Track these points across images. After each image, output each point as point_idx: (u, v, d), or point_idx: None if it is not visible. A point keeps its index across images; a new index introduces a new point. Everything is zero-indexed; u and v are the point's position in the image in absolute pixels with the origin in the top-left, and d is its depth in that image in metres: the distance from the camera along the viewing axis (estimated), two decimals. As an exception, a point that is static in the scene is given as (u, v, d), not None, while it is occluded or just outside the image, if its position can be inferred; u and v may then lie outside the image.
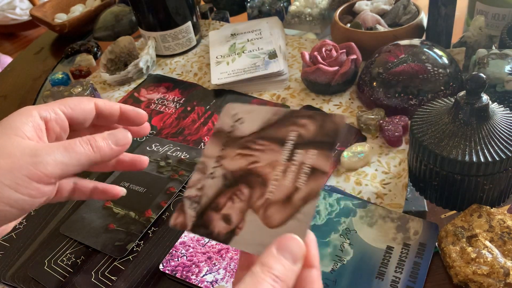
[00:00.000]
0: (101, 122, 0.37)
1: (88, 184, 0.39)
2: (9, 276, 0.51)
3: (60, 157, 0.30)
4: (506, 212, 0.47)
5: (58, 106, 0.34)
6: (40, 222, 0.57)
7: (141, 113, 0.38)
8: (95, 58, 0.94)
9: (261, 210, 0.30)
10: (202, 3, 1.02)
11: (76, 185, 0.38)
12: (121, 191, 0.40)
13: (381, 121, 0.62)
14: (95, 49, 0.95)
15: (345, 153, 0.59)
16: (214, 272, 0.48)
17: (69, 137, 0.35)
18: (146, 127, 0.39)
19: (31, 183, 0.29)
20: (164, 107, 0.76)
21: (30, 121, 0.32)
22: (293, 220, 0.29)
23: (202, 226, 0.31)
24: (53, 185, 0.31)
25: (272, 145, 0.32)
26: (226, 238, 0.30)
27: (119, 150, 0.34)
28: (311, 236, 0.28)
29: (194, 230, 0.31)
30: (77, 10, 1.07)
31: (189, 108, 0.74)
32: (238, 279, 0.29)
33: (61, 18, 1.05)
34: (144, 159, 0.40)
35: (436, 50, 0.64)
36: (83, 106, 0.35)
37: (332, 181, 0.58)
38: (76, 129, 0.36)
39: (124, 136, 0.35)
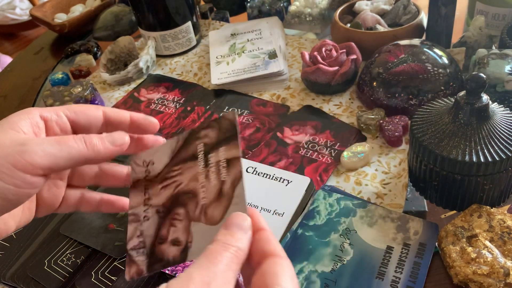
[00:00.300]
0: (111, 131, 0.36)
1: (96, 195, 0.38)
2: (9, 276, 0.51)
3: (49, 148, 0.30)
4: (506, 212, 0.47)
5: (62, 109, 0.34)
6: (40, 222, 0.57)
7: (153, 121, 0.38)
8: (95, 58, 0.94)
9: (202, 216, 0.32)
10: (202, 3, 1.02)
11: (83, 196, 0.38)
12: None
13: (381, 121, 0.62)
14: (95, 49, 0.95)
15: (345, 153, 0.59)
16: (214, 272, 0.48)
17: None
18: (158, 139, 0.38)
19: (15, 172, 0.28)
20: (164, 107, 0.76)
21: (28, 118, 0.32)
22: (232, 206, 0.31)
23: (156, 262, 0.32)
24: (40, 177, 0.30)
25: (186, 164, 0.34)
26: (182, 257, 0.31)
27: (115, 149, 0.34)
28: (253, 209, 0.30)
29: (150, 269, 0.32)
30: (77, 10, 1.07)
31: (189, 108, 0.74)
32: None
33: (61, 18, 1.05)
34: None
35: (436, 50, 0.64)
36: (88, 111, 0.35)
37: (332, 181, 0.58)
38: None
39: (121, 136, 0.34)
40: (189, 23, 0.87)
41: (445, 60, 0.63)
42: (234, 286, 0.26)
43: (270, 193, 0.55)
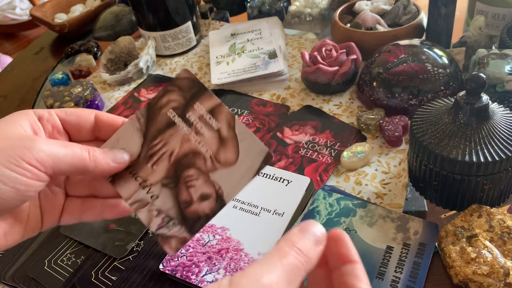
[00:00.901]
0: (104, 136, 0.37)
1: (97, 202, 0.38)
2: (9, 276, 0.51)
3: (55, 149, 0.31)
4: (506, 212, 0.47)
5: (54, 110, 0.36)
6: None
7: None
8: (95, 58, 0.94)
9: (216, 164, 0.33)
10: (202, 3, 1.02)
11: (84, 204, 0.38)
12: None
13: (381, 121, 0.62)
14: (95, 49, 0.95)
15: (345, 153, 0.59)
16: (214, 272, 0.48)
17: None
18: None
19: (23, 163, 0.30)
20: (164, 107, 0.76)
21: (27, 119, 0.33)
22: (241, 143, 0.32)
23: (195, 223, 0.33)
24: (44, 174, 0.31)
25: (166, 134, 0.35)
26: (220, 204, 0.32)
27: (114, 166, 0.34)
28: (345, 234, 0.28)
29: (192, 231, 0.32)
30: (77, 10, 1.07)
31: (189, 108, 0.74)
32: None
33: (61, 18, 1.05)
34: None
35: (436, 50, 0.64)
36: (79, 112, 0.36)
37: (332, 181, 0.58)
38: (74, 136, 0.37)
39: (121, 155, 0.35)
40: (189, 23, 0.87)
41: (445, 60, 0.63)
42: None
43: (270, 193, 0.55)
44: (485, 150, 0.45)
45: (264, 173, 0.57)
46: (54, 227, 0.55)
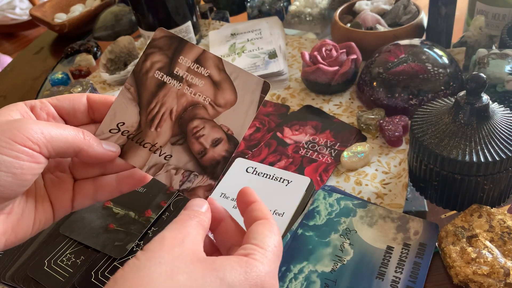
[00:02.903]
0: (98, 117, 0.37)
1: (111, 177, 0.37)
2: (9, 276, 0.51)
3: (47, 128, 0.30)
4: (506, 212, 0.47)
5: (45, 98, 0.35)
6: (40, 222, 0.57)
7: None
8: (95, 58, 0.94)
9: (218, 108, 0.34)
10: (202, 3, 1.02)
11: (96, 183, 0.37)
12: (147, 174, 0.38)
13: (381, 121, 0.62)
14: (95, 49, 0.95)
15: (345, 153, 0.59)
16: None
17: None
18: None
19: (15, 145, 0.29)
20: (164, 107, 0.76)
21: (17, 109, 0.33)
22: (236, 81, 0.34)
23: (214, 167, 0.34)
24: (40, 155, 0.30)
25: (159, 95, 0.35)
26: (234, 143, 0.34)
27: (106, 152, 0.34)
28: (247, 187, 0.35)
29: (214, 176, 0.34)
30: (77, 10, 1.07)
31: (189, 108, 0.74)
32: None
33: (60, 18, 1.05)
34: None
35: (436, 50, 0.64)
36: (70, 97, 0.36)
37: (332, 181, 0.58)
38: (70, 121, 0.36)
39: (113, 145, 0.35)
40: (189, 23, 0.87)
41: (445, 60, 0.63)
42: (206, 245, 0.32)
43: (270, 193, 0.55)
44: (485, 150, 0.45)
45: (264, 173, 0.57)
46: (54, 227, 0.55)
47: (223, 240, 0.34)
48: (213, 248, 0.35)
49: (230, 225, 0.34)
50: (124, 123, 0.36)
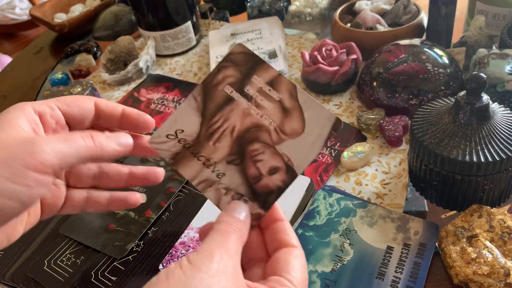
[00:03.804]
0: (103, 124, 0.36)
1: (104, 194, 0.37)
2: (9, 276, 0.51)
3: (58, 146, 0.29)
4: (506, 212, 0.47)
5: (53, 102, 0.34)
6: (39, 222, 0.57)
7: (147, 119, 0.36)
8: (95, 58, 0.94)
9: (282, 136, 0.33)
10: (202, 3, 1.02)
11: (90, 196, 0.37)
12: (141, 197, 0.39)
13: (381, 121, 0.62)
14: (95, 49, 0.95)
15: (345, 153, 0.59)
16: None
17: None
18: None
19: (28, 173, 0.27)
20: (164, 107, 0.76)
21: (24, 115, 0.31)
22: (307, 112, 0.32)
23: (267, 196, 0.33)
24: (50, 176, 0.29)
25: (225, 110, 0.34)
26: (291, 176, 0.33)
27: (120, 150, 0.33)
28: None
29: (266, 206, 0.33)
30: (77, 10, 1.07)
31: (189, 108, 0.74)
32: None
33: (60, 17, 1.05)
34: (159, 171, 0.39)
35: (436, 50, 0.64)
36: (80, 103, 0.34)
37: (332, 181, 0.58)
38: (75, 128, 0.35)
39: (126, 138, 0.34)
40: (189, 23, 0.87)
41: (445, 60, 0.63)
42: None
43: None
44: (486, 150, 0.45)
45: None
46: (53, 227, 0.55)
47: (245, 250, 0.32)
48: None
49: (255, 238, 0.33)
50: (183, 131, 0.34)
